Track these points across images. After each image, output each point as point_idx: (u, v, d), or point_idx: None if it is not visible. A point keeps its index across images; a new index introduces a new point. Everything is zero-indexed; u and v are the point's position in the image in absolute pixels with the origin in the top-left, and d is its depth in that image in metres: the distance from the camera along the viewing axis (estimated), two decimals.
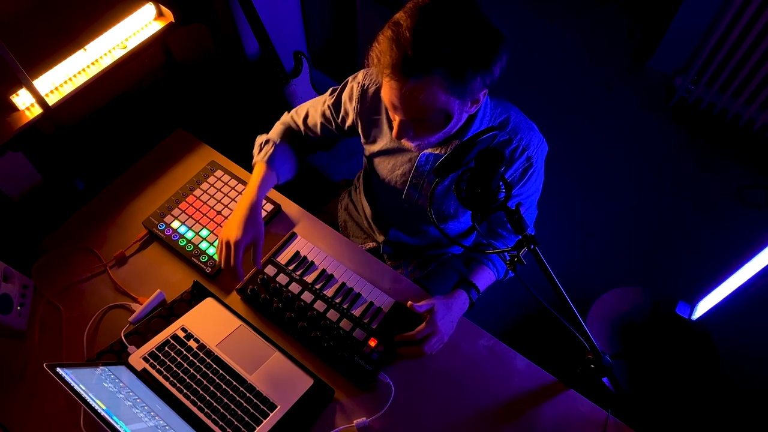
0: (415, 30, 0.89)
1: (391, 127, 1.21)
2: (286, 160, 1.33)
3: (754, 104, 2.42)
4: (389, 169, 1.28)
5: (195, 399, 1.07)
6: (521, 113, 1.18)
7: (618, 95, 2.77)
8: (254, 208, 1.22)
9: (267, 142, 1.33)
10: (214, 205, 1.37)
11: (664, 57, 2.76)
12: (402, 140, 1.09)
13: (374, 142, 1.27)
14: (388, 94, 0.98)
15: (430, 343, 1.14)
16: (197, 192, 1.39)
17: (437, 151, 1.17)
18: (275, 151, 1.31)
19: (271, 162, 1.30)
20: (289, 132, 1.38)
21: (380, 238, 1.47)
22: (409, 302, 1.13)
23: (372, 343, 1.16)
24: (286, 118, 1.40)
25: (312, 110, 1.34)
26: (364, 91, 1.22)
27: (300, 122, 1.37)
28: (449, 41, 0.89)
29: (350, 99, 1.25)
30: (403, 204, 1.32)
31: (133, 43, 1.51)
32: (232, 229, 1.19)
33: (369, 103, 1.22)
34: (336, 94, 1.29)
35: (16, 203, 1.49)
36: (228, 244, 1.18)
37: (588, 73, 2.86)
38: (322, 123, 1.33)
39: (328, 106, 1.30)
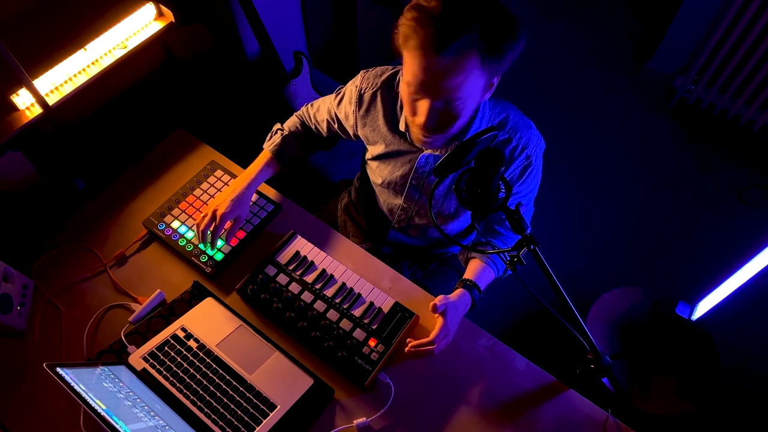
0: (444, 5, 0.89)
1: (390, 130, 1.21)
2: (290, 151, 1.38)
3: (755, 105, 2.42)
4: (389, 170, 1.28)
5: (195, 399, 1.07)
6: (519, 112, 1.18)
7: (618, 96, 2.77)
8: (247, 189, 1.30)
9: (278, 131, 1.39)
10: None
11: (664, 57, 2.76)
12: (418, 136, 1.10)
13: (374, 144, 1.28)
14: (418, 75, 0.95)
15: (440, 344, 1.14)
16: (197, 192, 1.39)
17: (437, 153, 1.17)
18: (282, 141, 1.36)
19: (275, 152, 1.35)
20: (301, 124, 1.42)
21: (380, 239, 1.47)
22: (432, 303, 1.12)
23: (372, 343, 1.16)
24: (302, 110, 1.43)
25: (322, 107, 1.36)
26: (360, 96, 1.24)
27: (312, 116, 1.40)
28: (480, 13, 0.90)
29: (350, 102, 1.27)
30: (402, 205, 1.32)
31: (133, 43, 1.51)
32: (222, 202, 1.26)
33: (366, 106, 1.24)
34: (339, 96, 1.31)
35: (15, 203, 1.48)
36: (214, 214, 1.25)
37: (588, 73, 2.86)
38: (327, 121, 1.36)
39: (334, 107, 1.32)
